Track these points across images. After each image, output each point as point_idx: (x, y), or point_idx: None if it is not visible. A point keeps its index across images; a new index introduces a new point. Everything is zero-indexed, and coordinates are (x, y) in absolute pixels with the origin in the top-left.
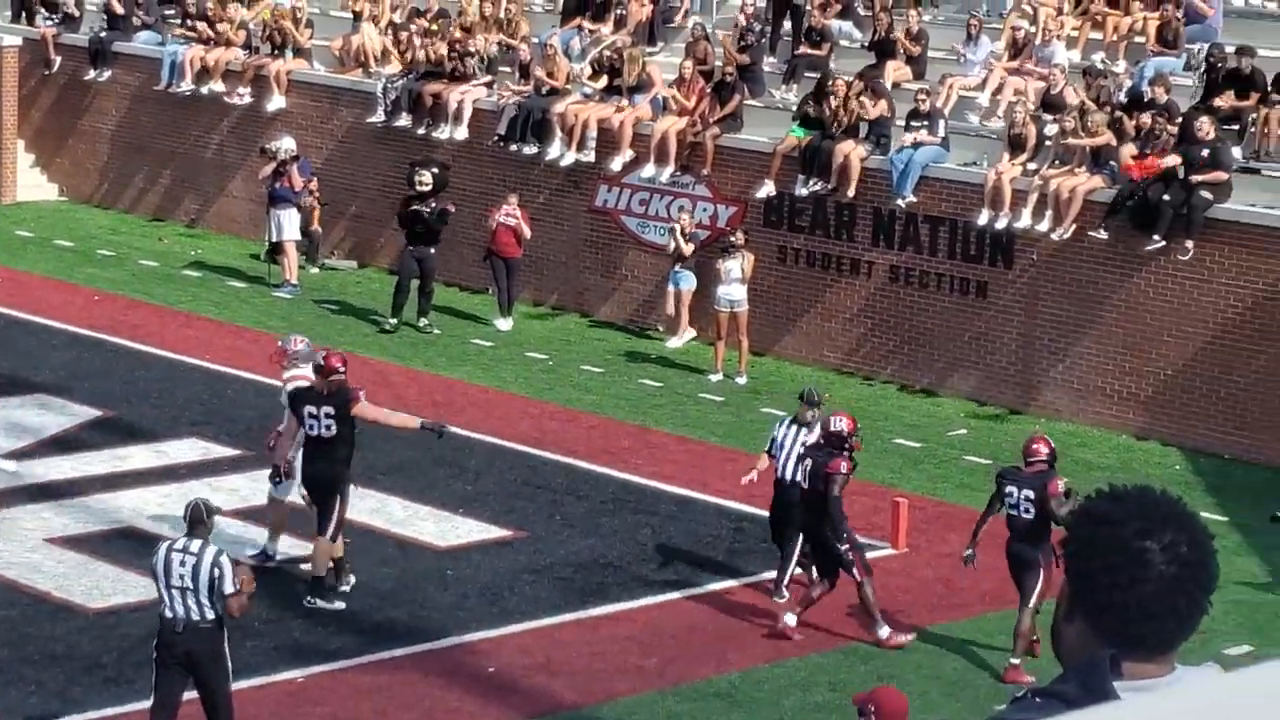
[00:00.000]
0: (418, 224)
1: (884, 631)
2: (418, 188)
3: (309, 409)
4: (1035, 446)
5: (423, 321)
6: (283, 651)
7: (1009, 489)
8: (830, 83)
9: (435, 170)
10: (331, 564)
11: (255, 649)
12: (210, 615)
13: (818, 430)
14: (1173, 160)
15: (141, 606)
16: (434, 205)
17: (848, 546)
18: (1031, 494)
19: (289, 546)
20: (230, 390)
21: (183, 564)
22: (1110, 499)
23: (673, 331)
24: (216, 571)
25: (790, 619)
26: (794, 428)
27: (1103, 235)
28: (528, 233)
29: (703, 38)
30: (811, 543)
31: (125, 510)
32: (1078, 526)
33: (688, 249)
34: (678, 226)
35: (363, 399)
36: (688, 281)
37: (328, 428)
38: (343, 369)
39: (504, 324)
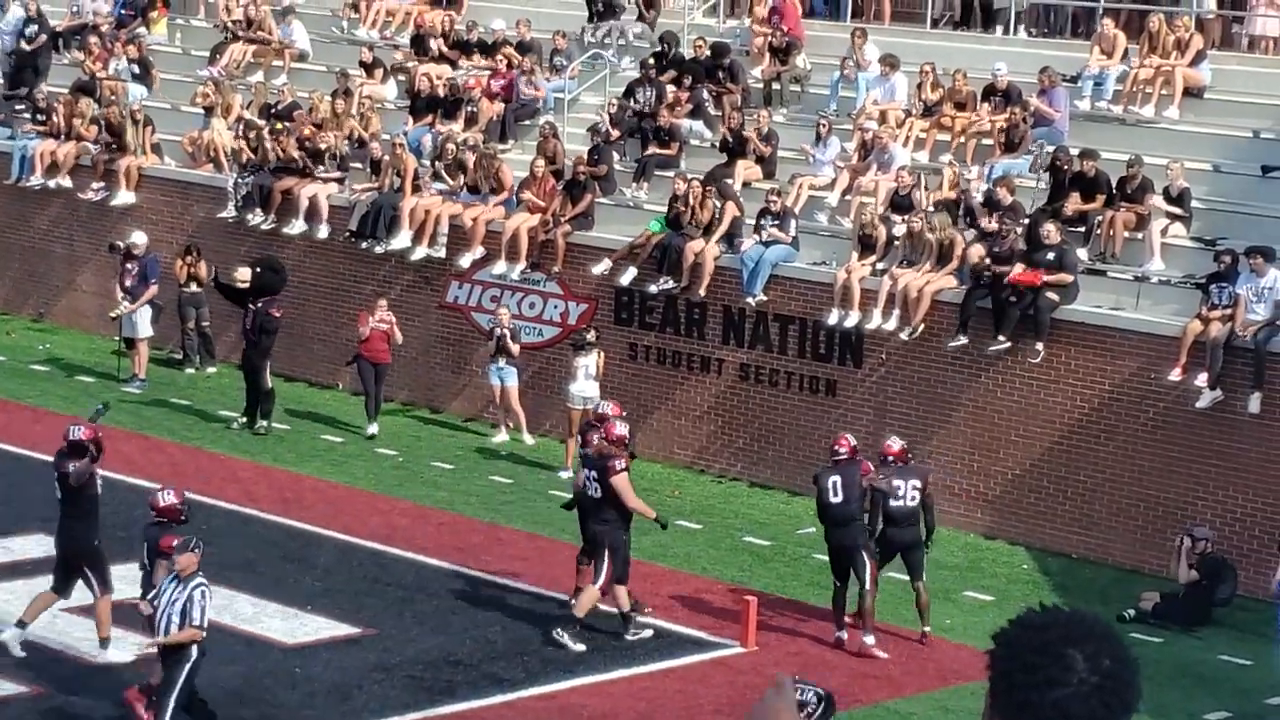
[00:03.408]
0: (231, 296)
1: (870, 639)
2: (236, 283)
3: (585, 471)
4: (888, 445)
5: (260, 424)
6: None
7: (896, 482)
8: (684, 182)
9: (258, 269)
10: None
11: None
12: None
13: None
14: (1066, 278)
15: None
16: (259, 306)
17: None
18: (918, 483)
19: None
20: None
21: None
22: (1039, 611)
23: (518, 428)
24: None
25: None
26: (173, 583)
27: (962, 341)
28: (400, 338)
29: (552, 136)
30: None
31: None
32: (1005, 631)
33: (515, 347)
34: (499, 322)
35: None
36: (512, 377)
37: (594, 490)
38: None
39: (373, 428)
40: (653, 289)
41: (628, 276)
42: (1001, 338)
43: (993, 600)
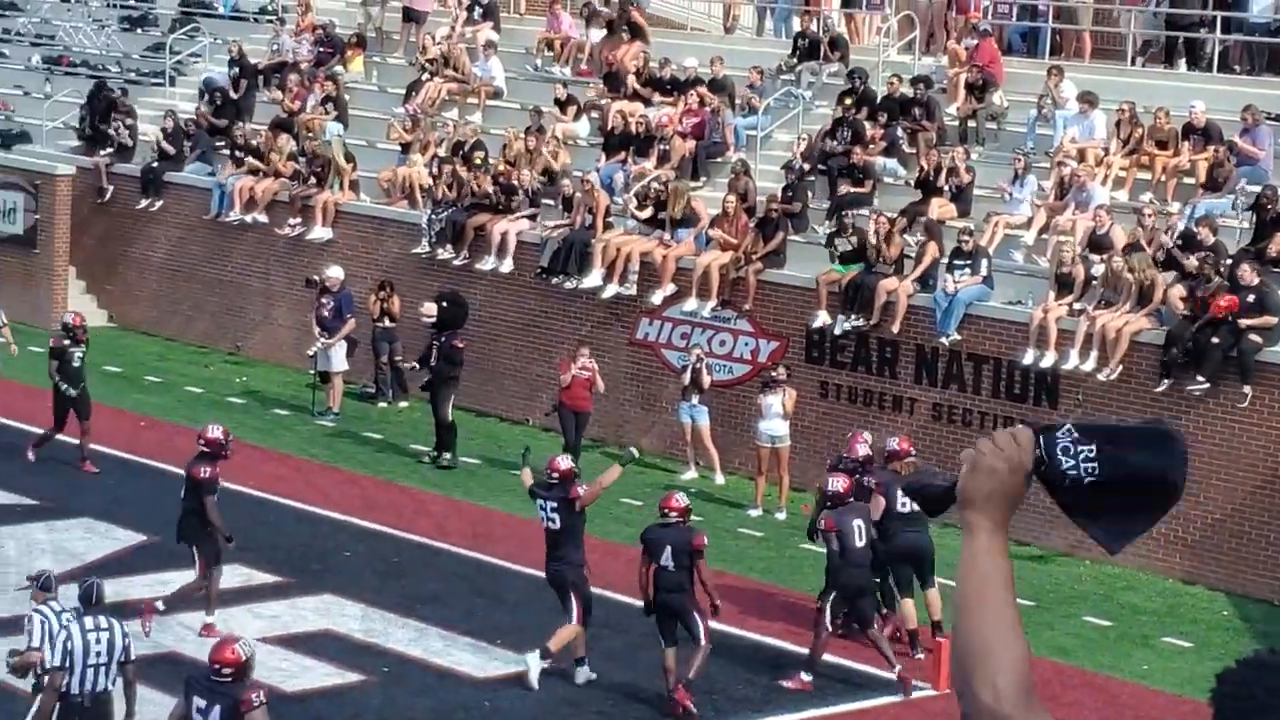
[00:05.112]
0: (432, 371)
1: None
2: (423, 320)
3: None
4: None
5: (445, 458)
6: None
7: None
8: (848, 216)
9: (444, 303)
10: None
11: None
12: (111, 685)
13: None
14: (1270, 320)
15: None
16: (444, 340)
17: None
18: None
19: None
20: (271, 516)
21: (99, 640)
22: (1272, 652)
23: (710, 466)
24: (128, 640)
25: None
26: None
27: (1164, 385)
28: (602, 386)
29: (744, 173)
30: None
31: (168, 636)
32: (1234, 670)
33: (707, 378)
34: (693, 358)
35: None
36: (704, 416)
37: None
38: None
39: None
40: (846, 326)
41: (841, 325)
42: (1200, 378)
43: (1191, 647)
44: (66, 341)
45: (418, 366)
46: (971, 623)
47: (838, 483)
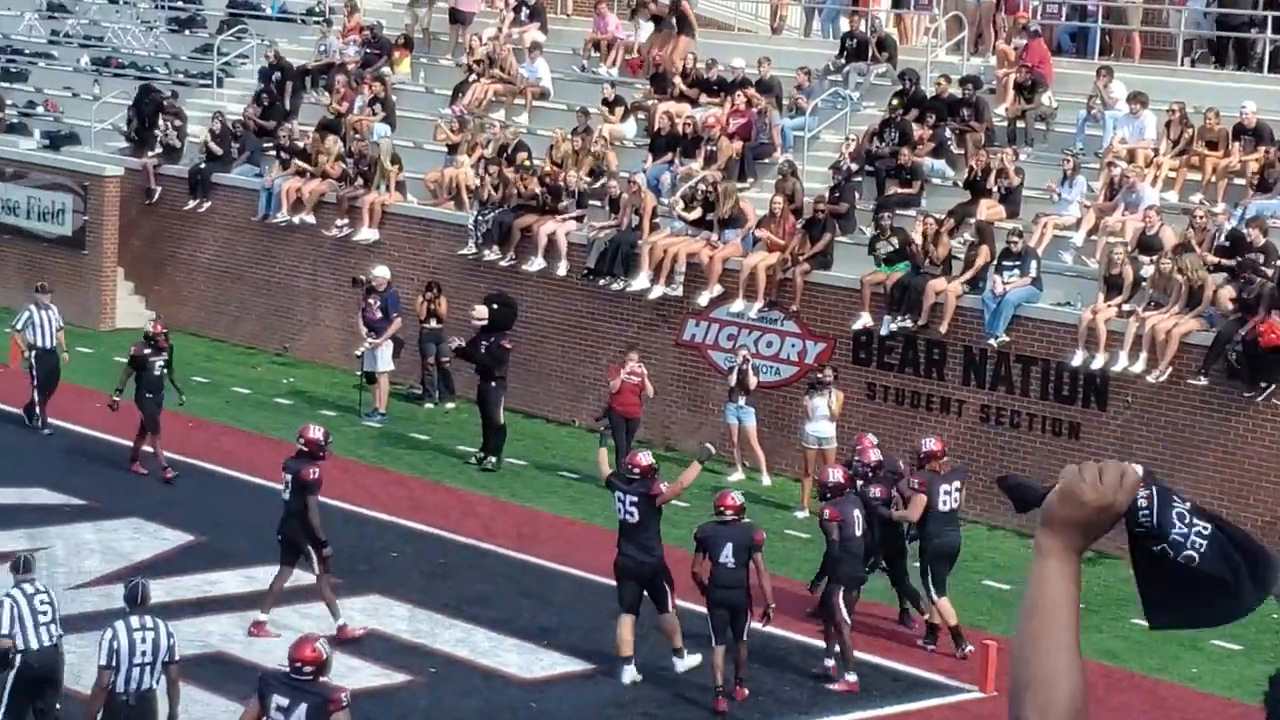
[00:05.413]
0: (473, 358)
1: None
2: (473, 321)
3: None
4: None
5: (490, 460)
6: None
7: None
8: (887, 218)
9: (494, 305)
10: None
11: None
12: (156, 684)
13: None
14: None
15: None
16: (492, 339)
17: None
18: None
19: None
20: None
21: (144, 640)
22: None
23: (756, 468)
24: (173, 639)
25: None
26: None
27: (1202, 381)
28: (651, 391)
29: (791, 174)
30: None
31: (215, 635)
32: None
33: (754, 379)
34: (740, 359)
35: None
36: (750, 417)
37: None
38: None
39: None
40: (892, 327)
41: (887, 326)
42: (1264, 384)
43: (1240, 650)
44: (148, 351)
45: (464, 345)
46: (1032, 646)
47: (837, 473)
